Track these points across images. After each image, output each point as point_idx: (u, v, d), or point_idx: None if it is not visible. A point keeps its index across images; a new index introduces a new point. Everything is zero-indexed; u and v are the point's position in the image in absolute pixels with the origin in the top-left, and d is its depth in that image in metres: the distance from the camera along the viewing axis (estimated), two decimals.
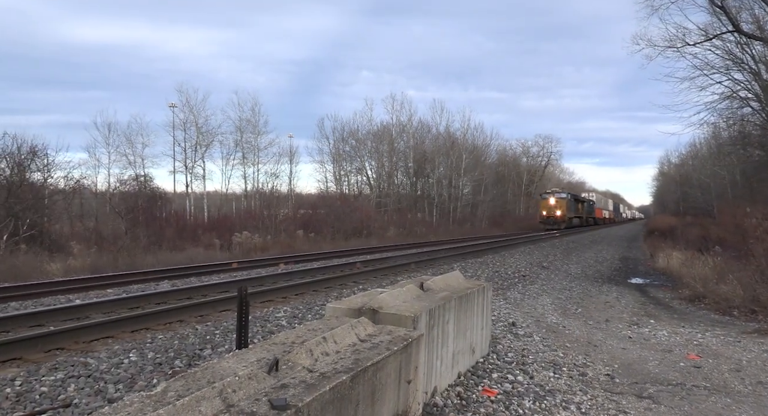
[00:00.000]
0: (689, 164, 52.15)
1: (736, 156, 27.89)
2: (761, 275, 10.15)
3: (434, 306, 3.81)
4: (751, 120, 22.91)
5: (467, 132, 50.89)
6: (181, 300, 8.15)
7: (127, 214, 21.23)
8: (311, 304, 7.88)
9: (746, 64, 20.79)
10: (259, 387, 2.18)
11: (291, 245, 21.60)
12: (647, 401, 4.64)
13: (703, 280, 11.83)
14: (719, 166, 34.49)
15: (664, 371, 5.59)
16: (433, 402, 3.71)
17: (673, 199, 60.51)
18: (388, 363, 2.80)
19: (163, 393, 2.00)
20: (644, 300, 11.30)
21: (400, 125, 45.68)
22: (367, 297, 3.82)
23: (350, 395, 2.40)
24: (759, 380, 5.34)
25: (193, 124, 35.68)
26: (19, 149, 18.21)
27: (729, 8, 18.49)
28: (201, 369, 2.29)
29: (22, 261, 13.25)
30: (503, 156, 61.64)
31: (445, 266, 13.40)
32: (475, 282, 5.25)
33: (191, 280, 10.54)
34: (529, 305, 9.00)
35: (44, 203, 18.72)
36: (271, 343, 2.75)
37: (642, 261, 20.88)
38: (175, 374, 4.37)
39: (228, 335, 5.83)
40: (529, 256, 17.91)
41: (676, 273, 14.62)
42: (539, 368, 5.06)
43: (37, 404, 3.81)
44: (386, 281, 10.72)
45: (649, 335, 7.40)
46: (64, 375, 4.39)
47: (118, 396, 3.93)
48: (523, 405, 4.02)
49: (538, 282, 12.04)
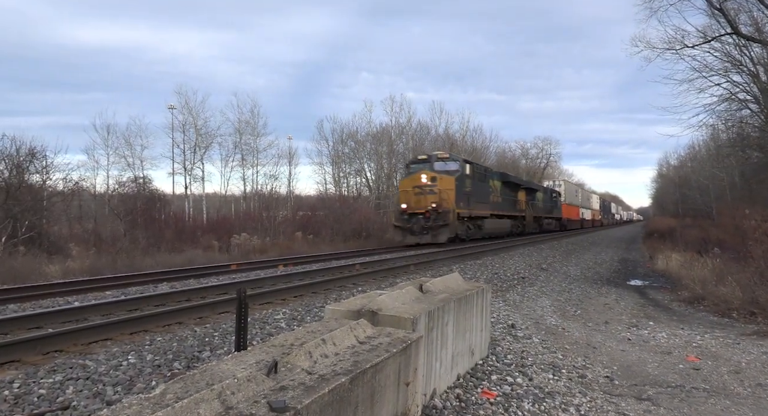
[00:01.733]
0: (688, 166, 52.25)
1: (735, 158, 27.94)
2: (760, 277, 10.16)
3: (433, 308, 3.81)
4: (750, 122, 22.97)
5: (466, 133, 51.02)
6: (179, 302, 8.14)
7: (126, 216, 21.22)
8: (310, 306, 7.87)
9: (745, 66, 20.85)
10: (258, 389, 2.17)
11: (290, 247, 21.60)
12: (646, 403, 4.63)
13: (702, 282, 11.83)
14: (718, 168, 34.56)
15: (664, 373, 5.59)
16: (432, 404, 3.70)
17: (672, 201, 60.51)
18: (387, 365, 2.80)
19: (161, 396, 2.00)
20: (643, 302, 11.30)
21: (400, 127, 45.77)
22: (366, 299, 3.82)
23: (349, 397, 2.39)
24: (758, 382, 5.33)
25: (192, 126, 35.74)
26: (18, 151, 18.22)
27: (728, 10, 18.54)
28: (200, 372, 2.29)
29: (20, 263, 13.24)
30: (502, 158, 61.72)
31: (444, 268, 13.39)
32: (475, 284, 5.25)
33: (190, 282, 10.53)
34: (529, 307, 9.00)
35: (43, 205, 18.71)
36: (270, 345, 2.75)
37: (641, 262, 20.89)
38: (173, 376, 4.37)
39: (227, 337, 5.83)
40: (528, 258, 17.90)
41: (675, 274, 14.63)
42: (538, 370, 5.06)
43: (36, 406, 3.80)
44: (385, 283, 10.71)
45: (648, 337, 7.40)
46: (63, 377, 4.38)
47: (117, 398, 3.92)
48: (522, 408, 4.01)
49: (537, 284, 12.04)
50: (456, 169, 22.26)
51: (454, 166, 22.36)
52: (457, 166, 22.50)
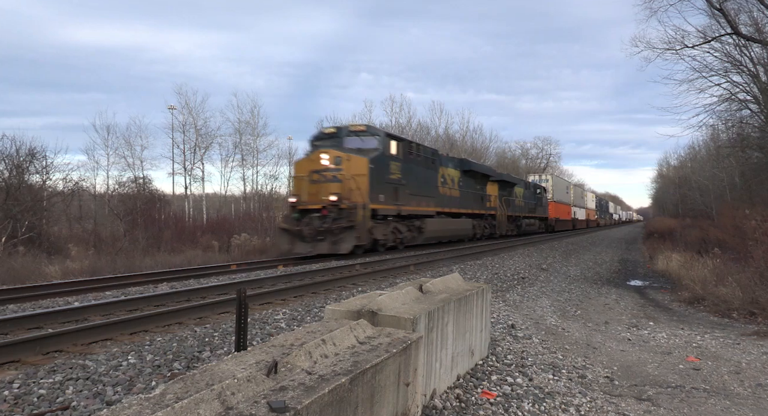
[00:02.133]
0: (688, 166, 52.23)
1: (735, 158, 27.96)
2: (760, 277, 10.16)
3: (433, 308, 3.81)
4: (750, 122, 23.00)
5: (466, 134, 51.06)
6: (179, 302, 8.14)
7: (126, 216, 21.24)
8: (310, 306, 7.86)
9: (745, 67, 20.87)
10: (257, 390, 2.17)
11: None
12: (646, 403, 4.63)
13: (702, 282, 11.83)
14: (718, 168, 34.57)
15: (664, 373, 5.59)
16: (432, 404, 3.70)
17: (672, 201, 60.51)
18: (387, 366, 2.80)
19: (161, 396, 2.00)
20: (643, 303, 11.30)
21: (400, 127, 45.75)
22: (366, 299, 3.81)
23: (349, 397, 2.39)
24: (758, 382, 5.33)
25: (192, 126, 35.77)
26: (18, 151, 18.25)
27: (728, 11, 18.56)
28: (200, 372, 2.29)
29: (20, 263, 13.24)
30: (502, 158, 61.78)
31: (444, 268, 13.39)
32: (475, 285, 5.25)
33: (190, 282, 10.52)
34: (529, 307, 9.00)
35: (43, 205, 18.73)
36: (270, 345, 2.75)
37: (641, 263, 20.89)
38: (173, 376, 4.36)
39: (227, 337, 5.82)
40: (528, 258, 17.90)
41: (675, 275, 14.62)
42: (538, 370, 5.05)
43: (36, 407, 3.80)
44: (385, 283, 10.71)
45: (648, 337, 7.40)
46: (63, 377, 4.38)
47: (117, 398, 3.92)
48: (522, 408, 4.01)
49: (537, 284, 12.04)
50: (374, 148, 16.06)
51: (372, 143, 16.18)
52: (375, 143, 16.22)
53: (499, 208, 28.14)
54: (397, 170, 17.10)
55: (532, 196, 36.31)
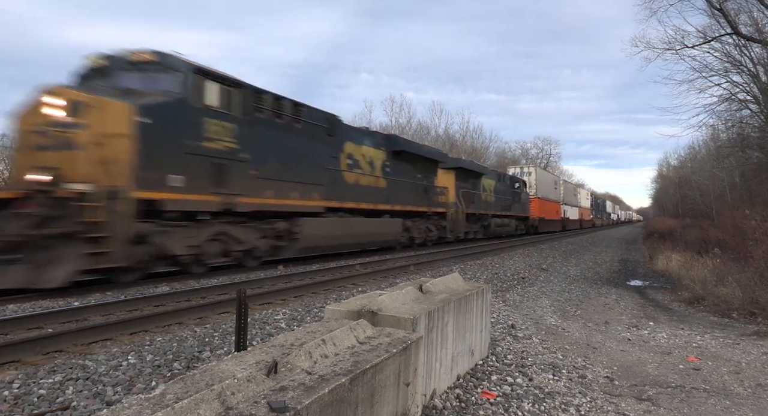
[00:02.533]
0: (688, 166, 52.25)
1: (735, 158, 27.98)
2: (760, 277, 10.16)
3: (433, 308, 3.81)
4: (750, 122, 23.02)
5: (466, 134, 51.12)
6: (179, 302, 8.14)
7: None
8: (310, 306, 7.87)
9: (745, 67, 20.90)
10: (257, 390, 2.17)
11: None
12: (646, 403, 4.63)
13: (702, 282, 11.83)
14: (718, 168, 34.58)
15: (664, 373, 5.59)
16: (432, 404, 3.70)
17: (672, 201, 60.51)
18: (387, 366, 2.80)
19: (161, 396, 2.00)
20: (643, 303, 11.30)
21: (400, 127, 45.82)
22: (366, 299, 3.82)
23: (349, 397, 2.39)
24: (758, 382, 5.33)
25: None
26: None
27: (728, 11, 18.58)
28: (200, 372, 2.29)
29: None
30: (502, 158, 61.79)
31: (444, 268, 13.40)
32: (475, 285, 5.25)
33: (190, 283, 10.52)
34: (529, 307, 9.00)
35: None
36: (270, 346, 2.75)
37: (641, 263, 20.90)
38: (173, 376, 4.37)
39: (227, 337, 5.82)
40: (528, 258, 17.91)
41: (675, 275, 14.63)
42: (538, 370, 5.06)
43: (36, 407, 3.80)
44: (385, 283, 10.71)
45: (648, 337, 7.40)
46: (63, 377, 4.38)
47: (117, 398, 3.92)
48: (522, 408, 4.01)
49: (537, 285, 12.04)
50: (166, 90, 9.71)
51: (165, 83, 9.80)
52: (171, 82, 9.84)
53: (459, 204, 22.37)
54: (225, 134, 10.73)
55: (508, 190, 30.40)
